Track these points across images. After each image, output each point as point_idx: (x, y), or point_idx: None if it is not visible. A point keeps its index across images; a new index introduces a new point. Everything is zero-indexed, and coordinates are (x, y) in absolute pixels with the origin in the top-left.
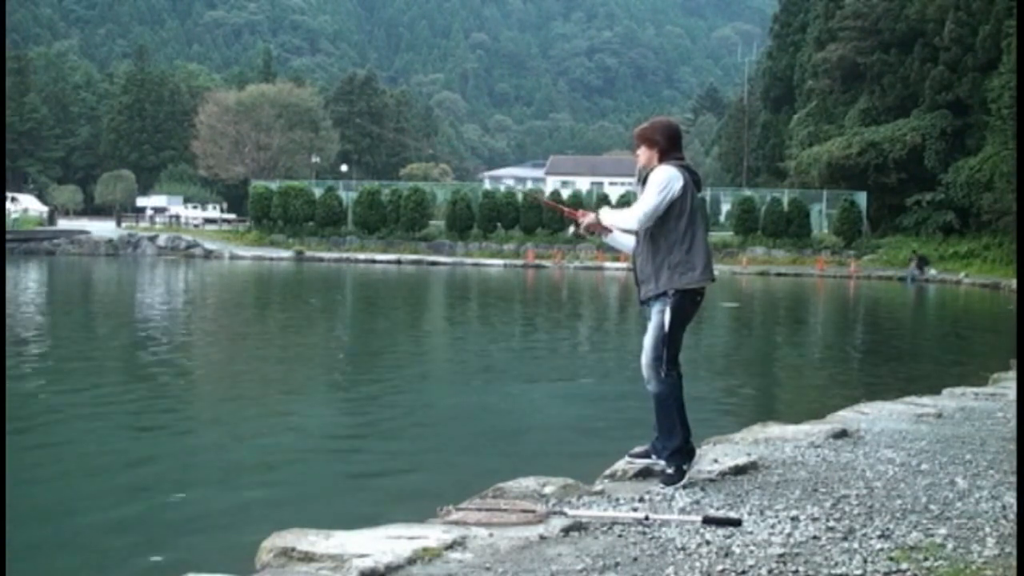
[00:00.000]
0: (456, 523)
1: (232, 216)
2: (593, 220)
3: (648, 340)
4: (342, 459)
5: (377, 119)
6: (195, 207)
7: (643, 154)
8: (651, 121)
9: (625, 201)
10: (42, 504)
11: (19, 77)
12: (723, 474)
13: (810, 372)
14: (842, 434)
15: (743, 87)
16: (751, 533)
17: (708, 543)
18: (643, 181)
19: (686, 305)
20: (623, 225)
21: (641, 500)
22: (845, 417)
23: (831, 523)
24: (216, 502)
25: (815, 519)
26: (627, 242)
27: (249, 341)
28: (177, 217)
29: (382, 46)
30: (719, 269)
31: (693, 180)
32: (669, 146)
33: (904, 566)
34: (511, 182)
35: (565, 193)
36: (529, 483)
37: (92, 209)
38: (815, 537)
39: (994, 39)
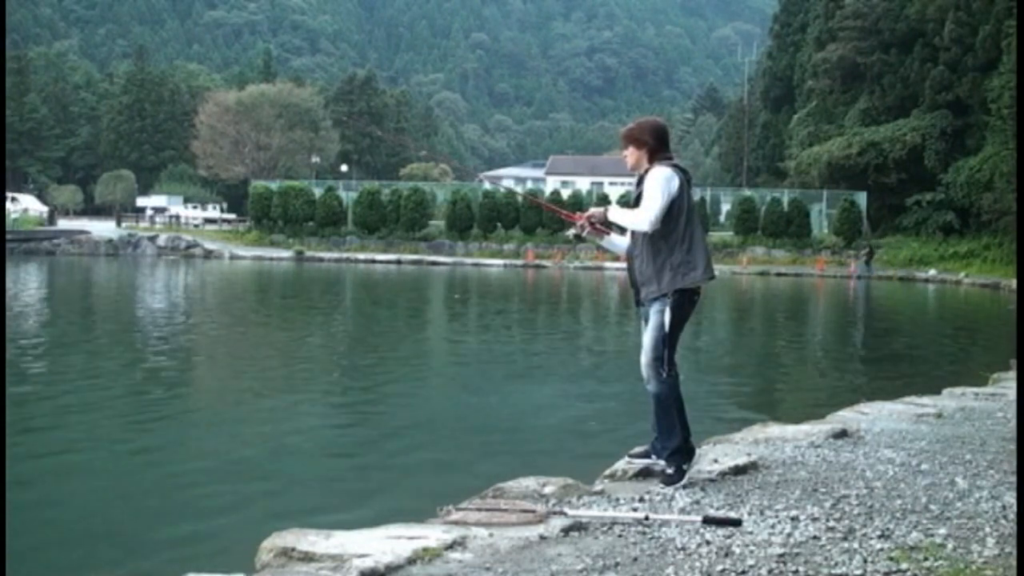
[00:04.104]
0: (456, 523)
1: (232, 216)
2: (601, 214)
3: (647, 340)
4: (342, 459)
5: (377, 119)
6: (195, 207)
7: (632, 155)
8: (637, 122)
9: (625, 201)
10: (42, 504)
11: (19, 77)
12: (723, 474)
13: (810, 372)
14: (842, 434)
15: (743, 87)
16: (751, 533)
17: (708, 543)
18: (639, 182)
19: (685, 304)
20: (633, 227)
21: (641, 500)
22: (845, 417)
23: (831, 523)
24: (216, 502)
25: (815, 519)
26: (621, 244)
27: (249, 341)
28: (177, 217)
29: (382, 46)
30: (719, 269)
31: (686, 179)
32: (658, 145)
33: (904, 566)
34: (510, 182)
35: (565, 193)
36: (529, 483)
37: (92, 209)
38: (815, 537)
39: (994, 39)
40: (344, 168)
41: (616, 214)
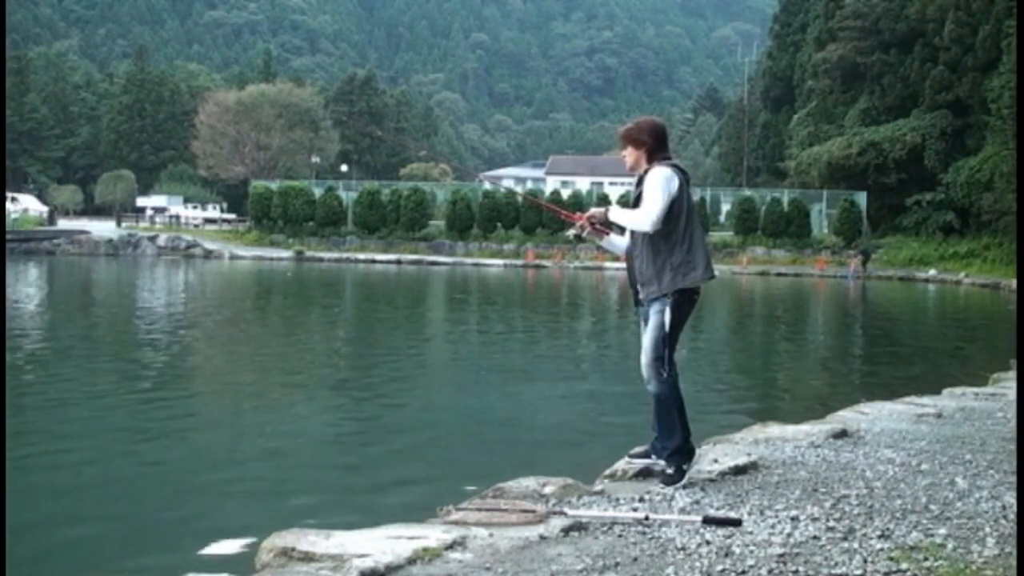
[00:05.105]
0: (456, 523)
1: (232, 216)
2: (601, 214)
3: (648, 340)
4: (342, 459)
5: (377, 119)
6: (195, 207)
7: (630, 155)
8: (635, 121)
9: (625, 201)
10: (42, 503)
11: (19, 77)
12: (723, 474)
13: (810, 372)
14: (842, 434)
15: (743, 87)
16: (751, 533)
17: (708, 543)
18: (638, 183)
19: (685, 304)
20: (634, 227)
21: (641, 500)
22: (845, 417)
23: (831, 523)
24: (216, 502)
25: (815, 519)
26: (620, 244)
27: (250, 341)
28: (177, 217)
29: (382, 46)
30: (719, 269)
31: (685, 179)
32: (657, 145)
33: (904, 566)
34: (510, 182)
35: (565, 193)
36: (529, 483)
37: (92, 209)
38: (815, 537)
39: (994, 39)
40: (344, 168)
41: (617, 214)
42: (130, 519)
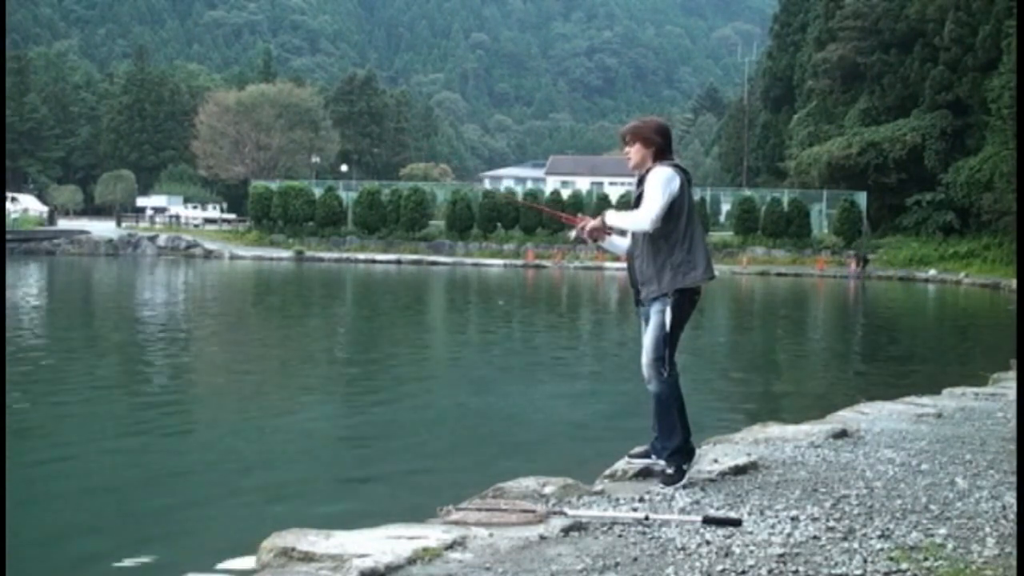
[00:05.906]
0: (456, 523)
1: (232, 216)
2: (597, 224)
3: (648, 340)
4: (342, 459)
5: (377, 119)
6: (195, 207)
7: (636, 153)
8: (643, 120)
9: (625, 201)
10: (41, 503)
11: (19, 77)
12: (723, 474)
13: (810, 372)
14: (842, 434)
15: (743, 87)
16: (751, 533)
17: (708, 543)
18: (639, 182)
19: (685, 304)
20: (634, 228)
21: (641, 500)
22: (845, 417)
23: (831, 523)
24: (216, 502)
25: (815, 519)
26: (621, 244)
27: (250, 341)
28: (177, 217)
29: (382, 46)
30: (719, 269)
31: (686, 179)
32: (665, 145)
33: (904, 566)
34: (511, 183)
35: (565, 193)
36: (529, 483)
37: (92, 209)
38: (815, 537)
39: (994, 39)
40: (344, 168)
41: (615, 218)
42: (130, 519)
